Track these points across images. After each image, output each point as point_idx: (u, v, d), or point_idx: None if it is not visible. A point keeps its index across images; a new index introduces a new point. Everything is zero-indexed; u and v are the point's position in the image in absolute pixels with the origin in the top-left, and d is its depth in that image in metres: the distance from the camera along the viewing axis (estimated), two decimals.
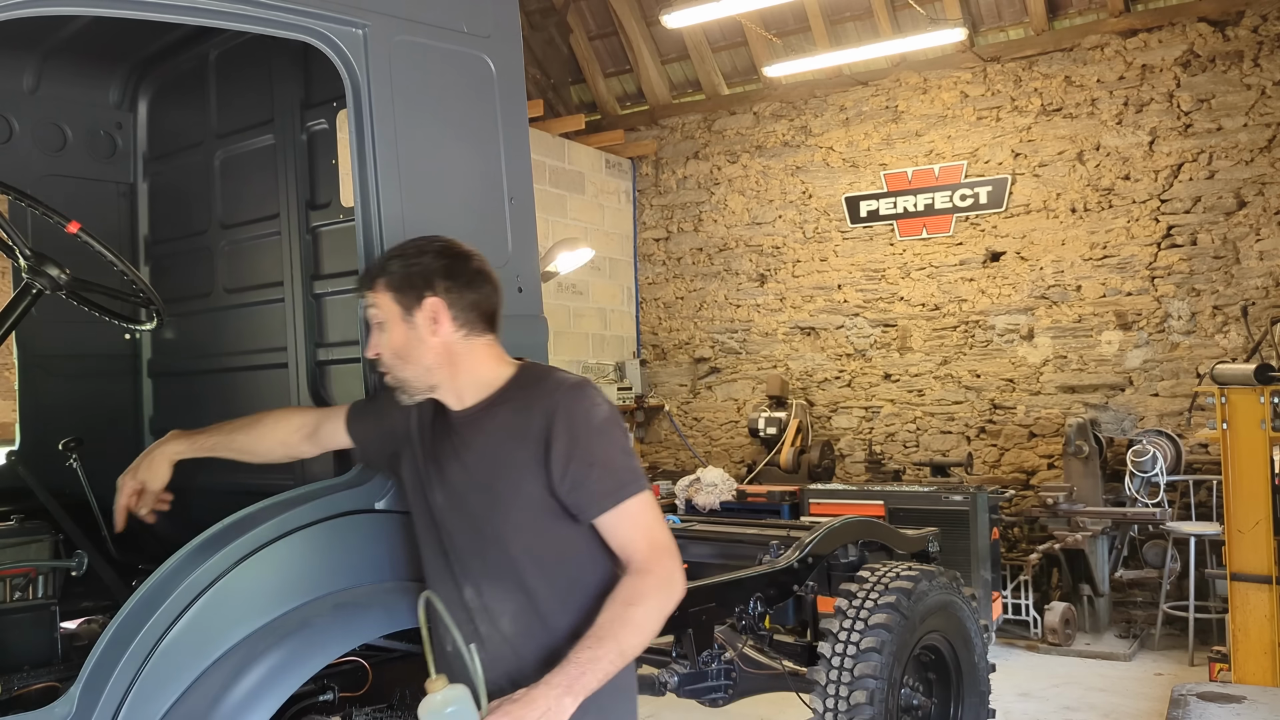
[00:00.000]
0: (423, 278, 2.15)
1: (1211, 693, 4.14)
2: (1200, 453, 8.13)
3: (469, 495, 2.17)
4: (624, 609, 2.01)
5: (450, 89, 2.73)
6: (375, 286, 2.18)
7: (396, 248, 2.25)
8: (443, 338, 2.15)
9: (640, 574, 2.06)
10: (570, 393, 2.14)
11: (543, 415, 2.11)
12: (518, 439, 2.12)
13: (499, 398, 2.19)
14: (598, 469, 2.09)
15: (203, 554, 2.24)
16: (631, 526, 2.10)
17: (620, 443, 2.14)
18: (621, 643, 1.99)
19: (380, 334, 2.19)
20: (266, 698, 2.16)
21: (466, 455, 2.18)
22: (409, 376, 2.19)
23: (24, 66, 3.68)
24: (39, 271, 2.70)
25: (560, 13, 10.42)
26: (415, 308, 2.14)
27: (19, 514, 2.97)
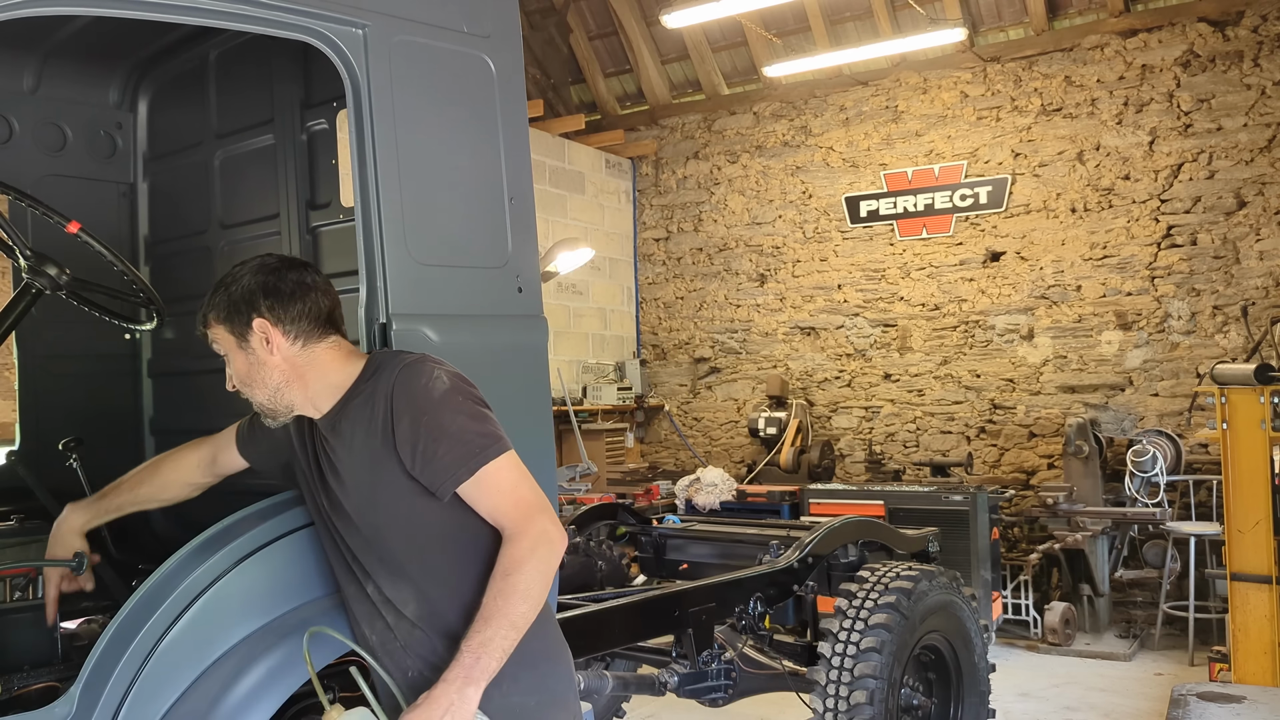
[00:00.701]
0: (245, 302, 2.16)
1: (1211, 693, 4.14)
2: (1200, 453, 8.13)
3: (346, 497, 2.18)
4: (504, 581, 1.99)
5: (450, 89, 2.73)
6: (209, 322, 2.20)
7: (219, 280, 2.24)
8: (281, 355, 2.16)
9: (513, 539, 2.04)
10: (405, 371, 2.12)
11: (384, 401, 2.10)
12: (368, 431, 2.12)
13: (350, 395, 2.19)
14: (445, 441, 2.06)
15: (203, 554, 2.24)
16: (493, 492, 2.07)
17: (465, 410, 2.10)
18: (510, 615, 1.96)
19: (229, 367, 2.21)
20: (266, 698, 2.16)
21: (335, 459, 2.19)
22: (263, 400, 2.20)
23: (24, 66, 3.68)
24: (39, 271, 2.70)
25: (560, 13, 10.42)
26: (247, 333, 2.16)
27: (19, 514, 2.97)
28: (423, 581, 2.13)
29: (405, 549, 2.13)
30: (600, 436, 9.29)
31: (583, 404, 9.61)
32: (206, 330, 2.22)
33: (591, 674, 3.86)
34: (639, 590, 4.16)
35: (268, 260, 2.23)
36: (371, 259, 2.54)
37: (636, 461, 10.04)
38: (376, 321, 2.54)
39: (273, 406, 2.21)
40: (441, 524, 2.12)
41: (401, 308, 2.55)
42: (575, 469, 7.61)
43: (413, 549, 2.13)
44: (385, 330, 2.53)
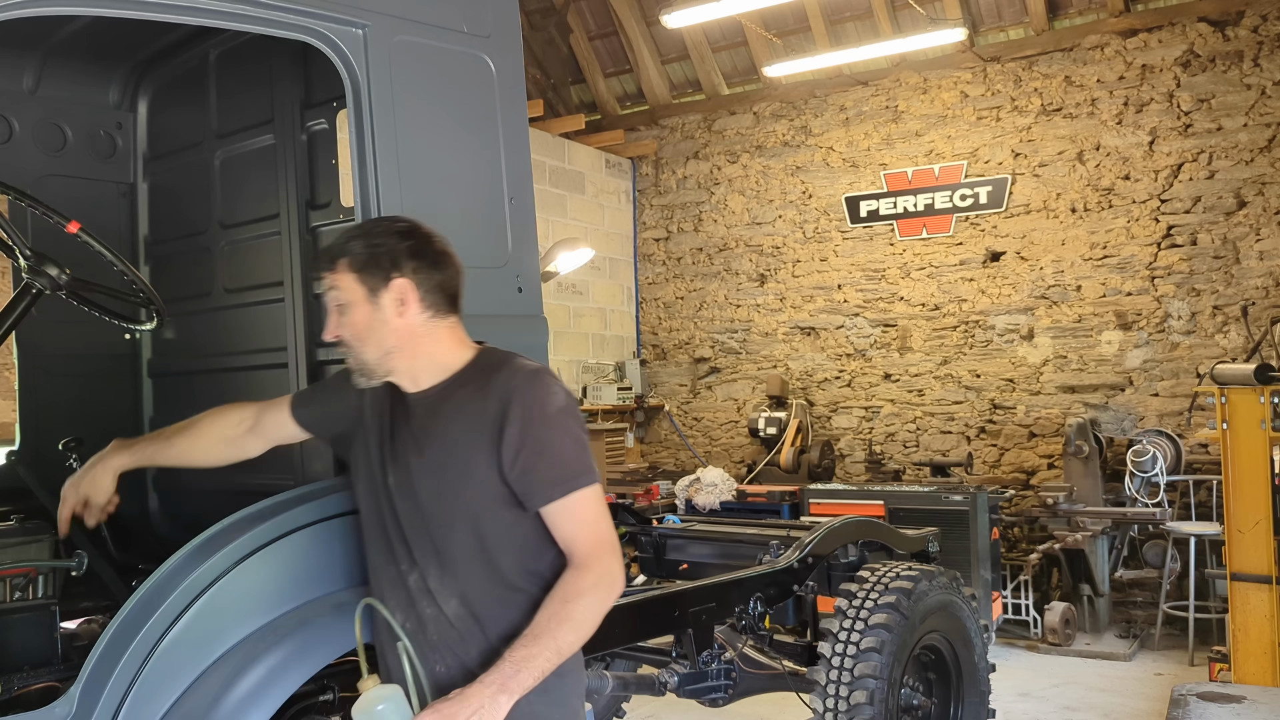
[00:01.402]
0: (389, 258, 2.12)
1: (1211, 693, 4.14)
2: (1200, 453, 8.13)
3: (422, 478, 2.14)
4: (561, 606, 2.01)
5: (450, 89, 2.73)
6: (336, 267, 2.14)
7: (356, 228, 2.21)
8: (408, 319, 2.13)
9: (579, 569, 2.05)
10: (528, 379, 2.11)
11: (498, 400, 2.08)
12: (472, 423, 2.10)
13: (456, 381, 2.17)
14: (547, 457, 2.07)
15: (203, 554, 2.24)
16: (576, 519, 2.08)
17: (573, 434, 2.11)
18: (558, 640, 1.98)
19: (341, 316, 2.15)
20: (266, 698, 2.16)
21: (422, 438, 2.15)
22: (370, 359, 2.15)
23: (24, 66, 3.68)
24: (39, 271, 2.70)
25: (560, 13, 10.42)
26: (382, 289, 2.11)
27: (19, 514, 2.97)
28: (472, 583, 2.11)
29: (467, 546, 2.11)
30: (600, 436, 9.29)
31: (583, 404, 9.61)
32: (328, 273, 2.15)
33: (591, 674, 3.85)
34: (639, 590, 4.16)
35: (417, 225, 2.20)
36: None
37: (636, 461, 10.04)
38: None
39: (375, 367, 2.16)
40: (510, 534, 2.12)
41: None
42: None
43: (474, 548, 2.11)
44: None
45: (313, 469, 3.42)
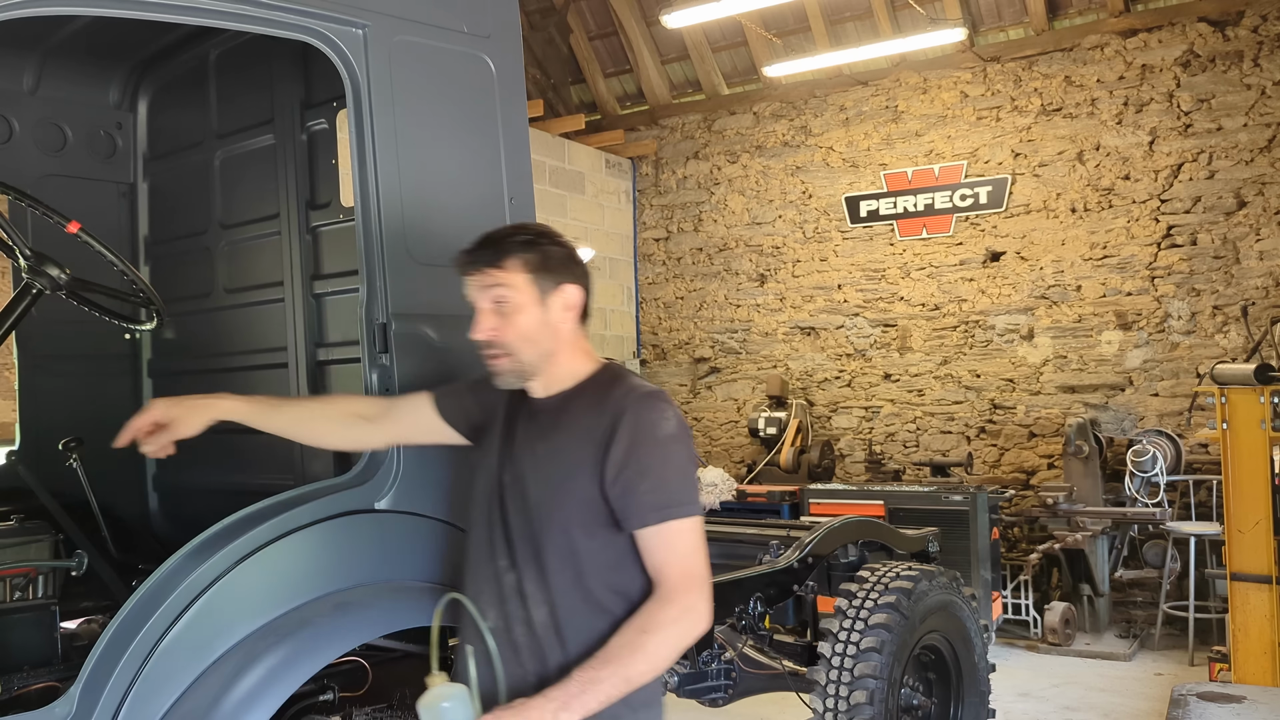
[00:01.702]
0: (563, 264, 2.14)
1: (1211, 693, 4.14)
2: (1200, 453, 8.13)
3: (532, 483, 2.14)
4: (637, 635, 1.98)
5: (450, 89, 2.73)
6: (506, 266, 2.10)
7: (516, 230, 2.19)
8: (568, 326, 2.15)
9: (663, 601, 2.01)
10: (641, 400, 2.10)
11: (610, 417, 2.07)
12: (583, 437, 2.09)
13: (576, 392, 2.17)
14: (649, 481, 2.04)
15: (203, 554, 2.24)
16: (668, 548, 2.04)
17: (678, 461, 2.09)
18: (628, 669, 1.95)
19: (502, 315, 2.11)
20: (266, 698, 2.16)
21: (538, 443, 2.16)
22: (528, 360, 2.13)
23: (24, 66, 3.68)
24: (39, 271, 2.70)
25: (560, 13, 10.42)
26: (553, 292, 2.12)
27: (19, 514, 2.97)
28: (562, 594, 2.09)
29: (561, 556, 2.09)
30: None
31: None
32: (495, 270, 2.10)
33: None
34: None
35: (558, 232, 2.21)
36: (371, 259, 2.54)
37: None
38: (376, 321, 2.54)
39: (528, 370, 2.15)
40: (603, 551, 2.09)
41: (401, 308, 2.55)
42: None
43: (568, 560, 2.09)
44: (385, 330, 2.53)
45: (313, 469, 3.42)
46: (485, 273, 2.12)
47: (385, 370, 2.53)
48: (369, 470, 2.51)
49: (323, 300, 3.45)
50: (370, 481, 2.50)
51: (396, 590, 2.46)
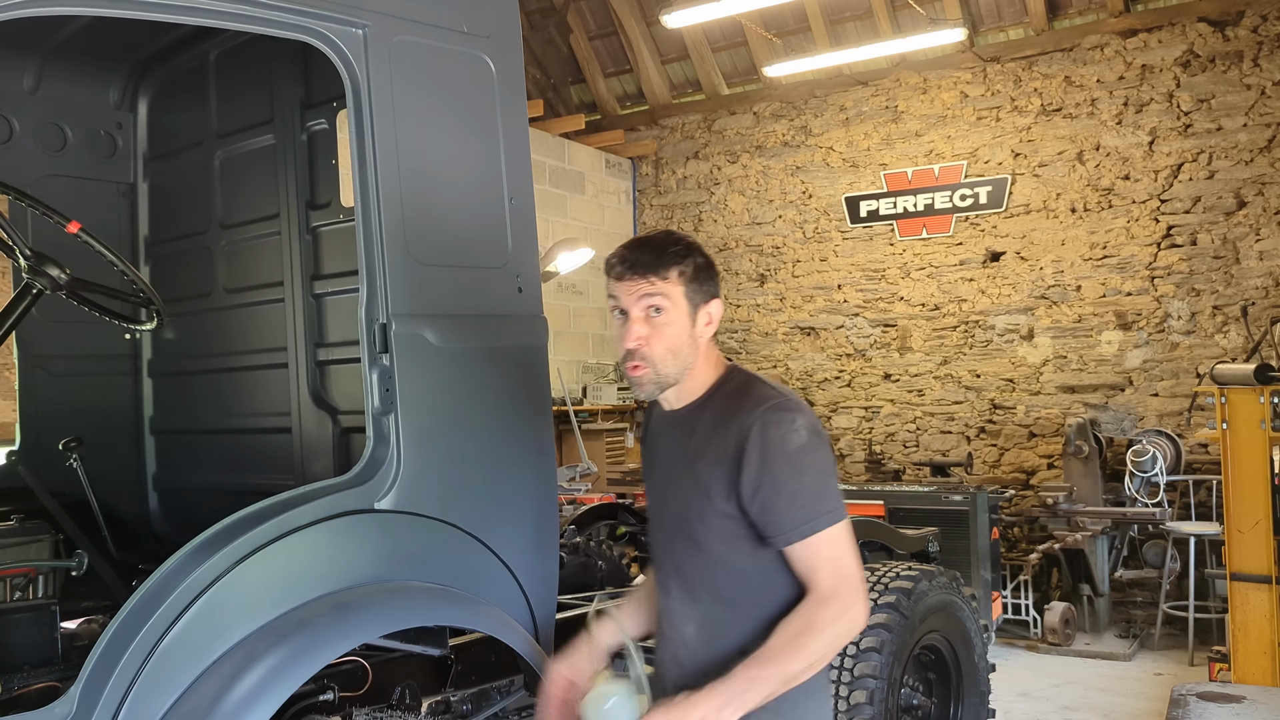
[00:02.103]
0: (711, 277, 2.13)
1: (1211, 693, 4.15)
2: (1200, 453, 8.12)
3: (670, 499, 2.19)
4: (795, 637, 1.97)
5: (450, 89, 2.73)
6: (669, 276, 2.06)
7: (668, 239, 2.13)
8: (706, 337, 2.14)
9: (818, 603, 1.99)
10: (768, 414, 2.04)
11: (738, 434, 2.04)
12: (715, 456, 2.08)
13: (703, 401, 2.16)
14: (786, 496, 2.01)
15: (203, 554, 2.24)
16: (816, 557, 2.02)
17: (813, 470, 2.05)
18: (786, 669, 1.95)
19: (653, 324, 2.08)
20: (266, 698, 2.16)
21: (673, 460, 2.18)
22: (671, 371, 2.11)
23: (24, 66, 3.68)
24: (39, 271, 2.70)
25: (560, 13, 10.42)
26: (702, 306, 2.11)
27: (19, 514, 2.97)
28: (707, 607, 2.13)
29: (715, 566, 2.11)
30: (600, 436, 9.29)
31: (583, 404, 9.61)
32: (658, 280, 2.06)
33: None
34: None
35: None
36: (371, 259, 2.54)
37: (636, 461, 10.03)
38: (376, 321, 2.54)
39: (669, 380, 2.13)
40: (756, 561, 2.09)
41: (401, 308, 2.55)
42: (575, 469, 7.61)
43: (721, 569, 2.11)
44: (385, 330, 2.53)
45: (312, 469, 3.42)
46: (646, 280, 2.06)
47: (385, 370, 2.53)
48: (369, 470, 2.51)
49: (323, 300, 3.45)
50: (370, 481, 2.50)
51: (396, 590, 2.46)
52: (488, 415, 2.73)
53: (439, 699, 2.81)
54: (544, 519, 2.86)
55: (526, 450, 2.82)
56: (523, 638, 2.66)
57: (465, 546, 2.64)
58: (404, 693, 2.63)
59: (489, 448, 2.73)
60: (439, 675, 2.72)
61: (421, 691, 2.67)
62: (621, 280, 2.08)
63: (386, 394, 2.53)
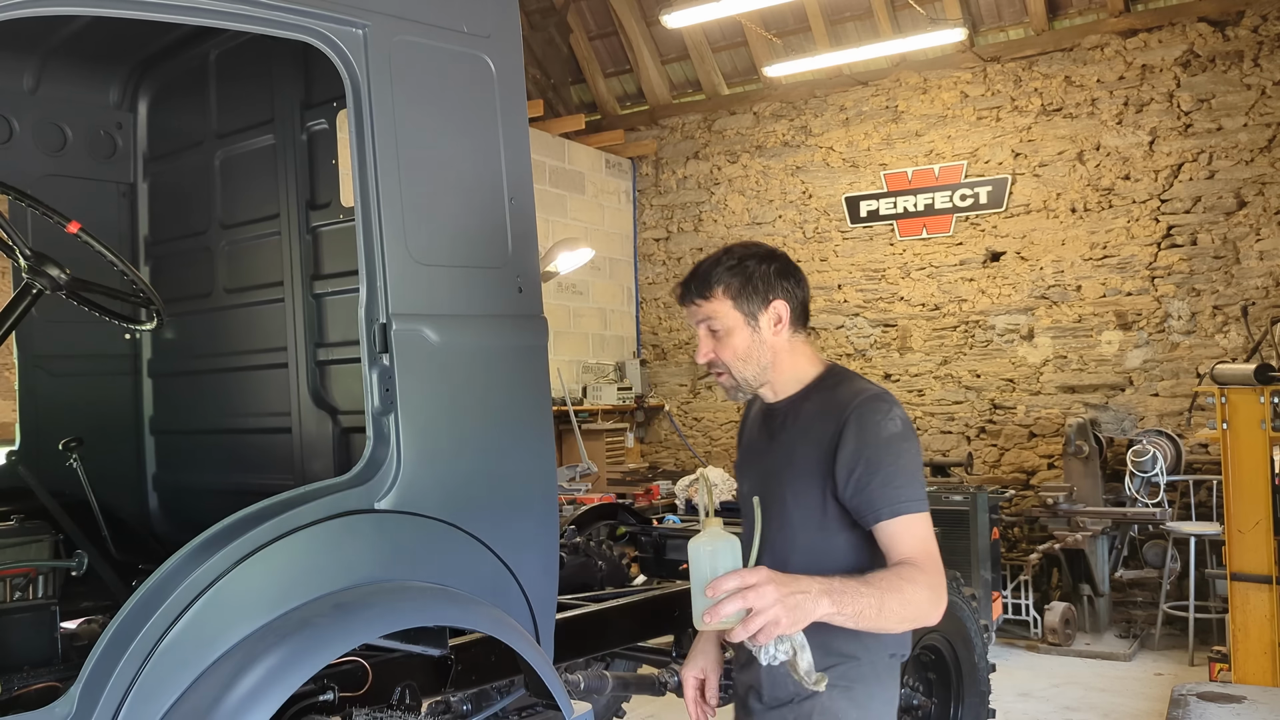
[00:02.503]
0: (764, 282, 2.25)
1: (1211, 693, 4.15)
2: (1200, 453, 8.12)
3: (774, 480, 2.30)
4: (897, 580, 2.03)
5: (450, 89, 2.73)
6: (711, 296, 2.26)
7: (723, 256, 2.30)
8: (781, 337, 2.28)
9: (921, 570, 2.07)
10: (865, 404, 2.19)
11: (836, 421, 2.18)
12: (813, 442, 2.22)
13: (804, 395, 2.31)
14: (879, 478, 2.13)
15: (203, 554, 2.23)
16: (909, 536, 2.12)
17: (904, 457, 2.16)
18: (884, 600, 1.98)
19: (714, 340, 2.28)
20: (266, 698, 2.16)
21: (774, 445, 2.33)
22: (749, 376, 2.30)
23: (24, 66, 3.68)
24: (39, 271, 2.70)
25: (560, 13, 10.42)
26: (761, 311, 2.25)
27: (19, 514, 2.97)
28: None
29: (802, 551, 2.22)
30: (600, 436, 9.29)
31: (583, 404, 9.61)
32: (703, 302, 2.27)
33: (591, 674, 3.85)
34: (639, 590, 4.16)
35: (770, 247, 2.34)
36: (371, 259, 2.54)
37: (636, 461, 10.03)
38: (376, 321, 2.53)
39: (752, 383, 2.31)
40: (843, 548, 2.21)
41: (401, 308, 2.55)
42: (575, 469, 7.61)
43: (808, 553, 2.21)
44: (385, 330, 2.53)
45: (312, 469, 3.42)
46: (695, 304, 2.29)
47: (385, 370, 2.53)
48: (369, 470, 2.51)
49: (323, 300, 3.45)
50: (370, 481, 2.50)
51: (396, 590, 2.46)
52: (488, 415, 2.73)
53: (439, 699, 2.81)
54: (544, 519, 2.86)
55: (526, 450, 2.82)
56: (523, 638, 2.66)
57: (465, 546, 2.64)
58: (404, 693, 2.62)
59: (489, 448, 2.72)
60: (439, 675, 2.71)
61: (421, 691, 2.67)
62: (684, 307, 2.34)
63: (386, 394, 2.53)
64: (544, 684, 2.70)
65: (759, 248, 2.32)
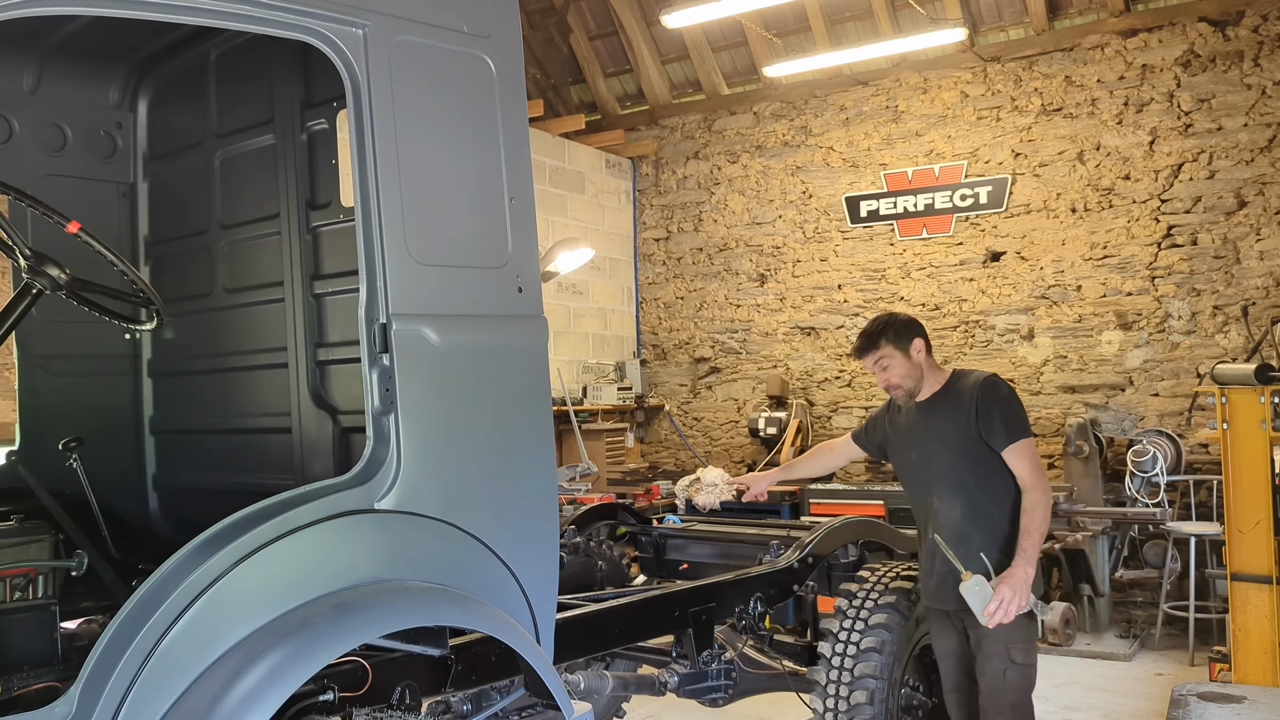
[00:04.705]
0: (906, 332, 3.85)
1: (1212, 693, 4.14)
2: (1200, 453, 8.12)
3: (934, 445, 3.80)
4: (1029, 515, 3.58)
5: (450, 89, 2.73)
6: (881, 345, 3.83)
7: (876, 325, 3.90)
8: (921, 360, 3.84)
9: (1029, 490, 3.61)
10: (983, 379, 3.78)
11: (970, 393, 3.75)
12: (957, 408, 3.76)
13: (943, 390, 3.86)
14: (999, 419, 3.66)
15: (203, 554, 2.24)
16: (1019, 457, 3.65)
17: (1014, 409, 3.73)
18: (1034, 535, 3.56)
19: (888, 371, 3.84)
20: (266, 698, 2.16)
21: (930, 420, 3.83)
22: (910, 387, 3.85)
23: (24, 66, 3.68)
24: (39, 271, 2.70)
25: (560, 13, 10.42)
26: (909, 347, 3.83)
27: (19, 514, 2.97)
28: (974, 495, 3.69)
29: (967, 476, 3.70)
30: (600, 436, 9.29)
31: (583, 404, 9.61)
32: (875, 350, 3.84)
33: (591, 674, 3.85)
34: (639, 590, 4.16)
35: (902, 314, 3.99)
36: (371, 259, 2.54)
37: (636, 461, 10.04)
38: (376, 321, 2.53)
39: (914, 390, 3.86)
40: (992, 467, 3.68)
41: (401, 308, 2.55)
42: (575, 469, 7.61)
43: (971, 476, 3.70)
44: (385, 330, 2.53)
45: (312, 469, 3.42)
46: (870, 355, 3.87)
47: (385, 370, 2.53)
48: (369, 470, 2.51)
49: (323, 300, 3.45)
50: (370, 481, 2.50)
51: (396, 590, 2.46)
52: (488, 415, 2.73)
53: (439, 699, 2.82)
54: (544, 519, 2.86)
55: (527, 450, 2.82)
56: (523, 638, 2.66)
57: (465, 546, 2.64)
58: (404, 693, 2.62)
59: (489, 448, 2.73)
60: (439, 675, 2.71)
61: (421, 691, 2.67)
62: (862, 359, 3.92)
63: (386, 394, 2.53)
64: (544, 684, 2.71)
65: (897, 315, 3.95)
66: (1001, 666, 3.64)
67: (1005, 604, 3.46)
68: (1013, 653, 3.65)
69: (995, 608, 3.46)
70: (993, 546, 3.63)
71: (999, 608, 3.45)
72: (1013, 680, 3.66)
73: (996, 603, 3.45)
